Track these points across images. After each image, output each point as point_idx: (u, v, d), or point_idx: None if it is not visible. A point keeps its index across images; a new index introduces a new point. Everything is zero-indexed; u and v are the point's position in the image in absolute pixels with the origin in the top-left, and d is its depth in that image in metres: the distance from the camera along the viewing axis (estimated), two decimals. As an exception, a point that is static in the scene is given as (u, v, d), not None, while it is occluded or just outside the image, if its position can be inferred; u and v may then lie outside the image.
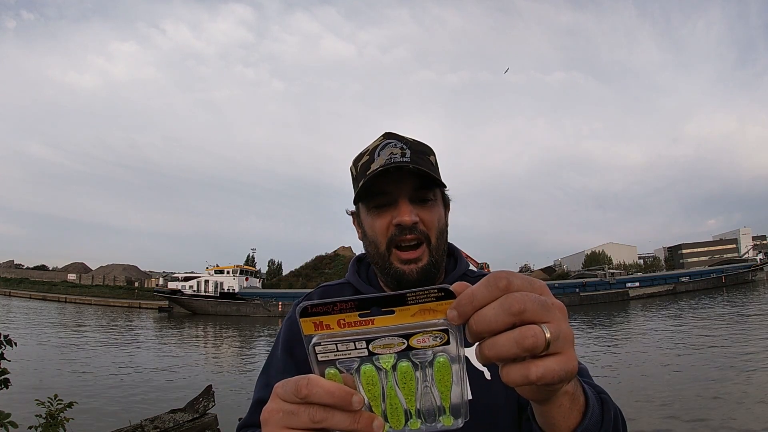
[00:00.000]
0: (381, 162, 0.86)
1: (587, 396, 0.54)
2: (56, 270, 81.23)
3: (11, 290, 62.41)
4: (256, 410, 0.86)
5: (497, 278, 0.38)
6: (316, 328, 0.40)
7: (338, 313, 0.40)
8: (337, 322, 0.40)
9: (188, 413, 4.77)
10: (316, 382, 0.40)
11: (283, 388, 0.42)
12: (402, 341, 0.40)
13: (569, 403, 0.50)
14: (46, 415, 3.53)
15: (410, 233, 0.86)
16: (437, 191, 0.92)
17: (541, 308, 0.37)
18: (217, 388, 5.57)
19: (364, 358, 0.41)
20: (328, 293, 0.99)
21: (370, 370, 0.41)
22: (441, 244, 0.91)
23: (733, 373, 9.58)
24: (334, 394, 0.39)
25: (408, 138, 0.91)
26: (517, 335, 0.36)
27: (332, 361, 0.41)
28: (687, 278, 42.94)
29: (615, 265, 65.16)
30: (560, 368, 0.38)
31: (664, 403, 7.82)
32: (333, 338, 0.40)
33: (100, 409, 8.50)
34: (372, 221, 0.90)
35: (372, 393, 0.42)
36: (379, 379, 0.42)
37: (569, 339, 0.40)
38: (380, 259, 0.90)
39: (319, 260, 74.47)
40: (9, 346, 2.98)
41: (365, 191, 0.87)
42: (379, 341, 0.40)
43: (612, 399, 0.62)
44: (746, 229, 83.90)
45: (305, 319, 0.40)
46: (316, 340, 0.41)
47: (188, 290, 46.15)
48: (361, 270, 1.02)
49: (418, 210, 0.87)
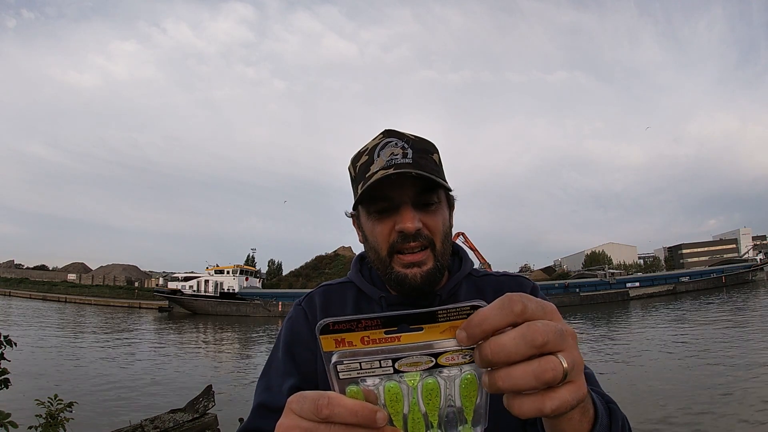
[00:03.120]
0: (381, 164, 0.81)
1: (596, 406, 0.53)
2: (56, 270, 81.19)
3: (11, 290, 62.32)
4: (258, 414, 0.84)
5: (512, 302, 0.37)
6: (337, 344, 0.39)
7: (362, 330, 0.38)
8: (360, 339, 0.39)
9: (188, 413, 4.77)
10: (337, 402, 0.38)
11: (300, 405, 0.39)
12: (430, 359, 0.39)
13: (579, 416, 0.49)
14: (46, 415, 3.53)
15: (414, 240, 0.81)
16: (441, 193, 0.86)
17: (560, 338, 0.36)
18: (217, 388, 5.56)
19: (389, 375, 0.40)
20: (330, 292, 0.96)
21: (395, 387, 0.40)
22: (446, 247, 0.87)
23: (734, 373, 9.58)
24: (358, 414, 0.37)
25: (409, 135, 0.86)
26: (537, 369, 0.35)
27: (354, 379, 0.40)
28: (687, 278, 42.88)
29: (615, 265, 65.14)
30: (573, 398, 0.37)
31: (664, 403, 7.82)
32: (356, 356, 0.39)
33: (100, 409, 8.50)
34: (372, 226, 0.85)
35: (395, 409, 0.40)
36: (403, 396, 0.41)
37: (581, 367, 0.39)
38: (381, 264, 0.86)
39: (319, 260, 74.46)
40: (9, 346, 2.97)
41: (365, 196, 0.82)
42: (406, 359, 0.39)
43: (619, 408, 0.61)
44: (746, 229, 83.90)
45: (326, 336, 0.39)
46: (337, 357, 0.39)
47: (188, 290, 46.10)
48: (363, 269, 0.98)
49: (422, 215, 0.82)
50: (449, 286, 0.91)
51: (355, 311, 0.92)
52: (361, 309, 0.92)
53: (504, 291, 1.04)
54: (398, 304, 0.88)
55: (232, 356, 17.94)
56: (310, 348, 0.89)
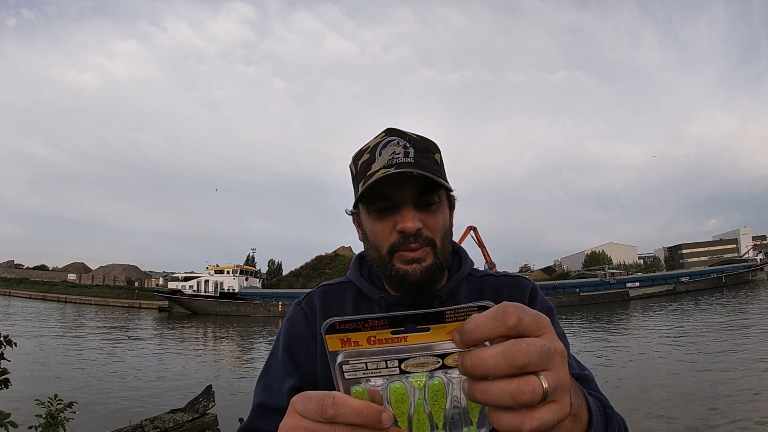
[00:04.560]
0: (383, 162, 0.81)
1: (591, 411, 0.52)
2: (56, 270, 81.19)
3: (11, 290, 62.37)
4: (258, 415, 0.84)
5: (506, 314, 0.35)
6: (343, 344, 0.38)
7: (369, 330, 0.38)
8: (366, 339, 0.38)
9: (188, 413, 4.77)
10: (342, 402, 0.37)
11: (304, 405, 0.38)
12: (437, 360, 0.39)
13: (571, 424, 0.48)
14: (46, 415, 3.52)
15: (414, 241, 0.81)
16: (442, 193, 0.86)
17: (544, 358, 0.35)
18: (217, 388, 5.56)
19: (394, 375, 0.40)
20: (329, 292, 0.96)
21: (401, 388, 0.40)
22: (446, 246, 0.87)
23: (734, 373, 9.58)
24: (363, 414, 0.37)
25: (411, 134, 0.85)
26: (515, 389, 0.34)
27: (360, 379, 0.39)
28: (687, 278, 42.87)
29: (615, 265, 65.12)
30: (553, 418, 0.36)
31: (665, 403, 7.82)
32: (362, 356, 0.39)
33: (100, 409, 8.50)
34: (373, 225, 0.85)
35: (400, 410, 0.40)
36: (409, 396, 0.40)
37: (565, 387, 0.38)
38: (381, 262, 0.86)
39: (319, 260, 74.46)
40: (9, 346, 2.97)
41: (366, 194, 0.82)
42: (413, 360, 0.39)
43: (617, 413, 0.59)
44: (746, 229, 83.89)
45: (331, 335, 0.38)
46: (343, 357, 0.39)
47: (188, 290, 46.11)
48: (363, 268, 0.98)
49: (422, 215, 0.82)
50: (449, 286, 0.90)
51: (355, 311, 0.91)
52: (360, 309, 0.91)
53: (503, 292, 0.99)
54: (398, 305, 0.88)
55: (232, 356, 17.93)
56: (309, 348, 0.88)
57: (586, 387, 0.77)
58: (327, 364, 0.85)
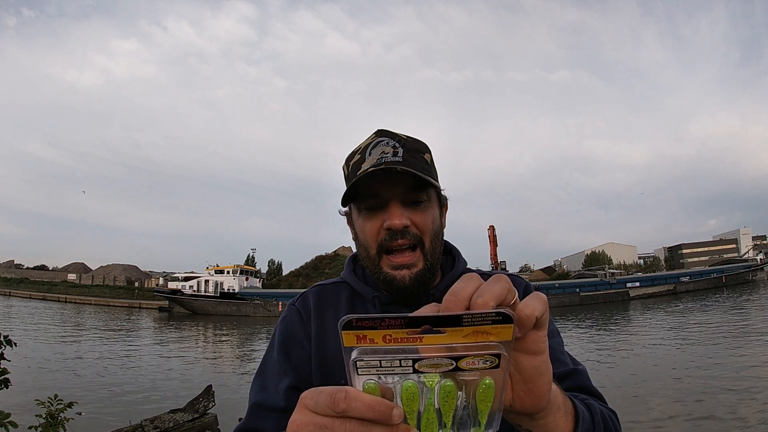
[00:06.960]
0: (372, 162, 0.82)
1: (575, 405, 0.58)
2: (56, 270, 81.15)
3: (11, 290, 62.37)
4: (254, 414, 0.84)
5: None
6: (359, 341, 0.39)
7: (385, 328, 0.39)
8: (382, 337, 0.39)
9: (188, 413, 4.78)
10: (355, 396, 0.38)
11: (314, 400, 0.39)
12: (451, 362, 0.39)
13: (564, 418, 0.54)
14: (46, 415, 3.54)
15: (402, 237, 0.82)
16: (431, 192, 0.87)
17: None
18: (217, 388, 5.57)
19: (407, 375, 0.40)
20: (324, 292, 0.97)
21: (413, 386, 0.40)
22: (436, 247, 0.87)
23: (734, 373, 9.58)
24: (375, 409, 0.37)
25: (401, 135, 0.87)
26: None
27: (371, 376, 0.40)
28: (687, 278, 42.83)
29: (615, 265, 65.08)
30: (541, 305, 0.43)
31: (665, 403, 7.82)
32: (377, 354, 0.39)
33: (100, 409, 8.51)
34: (362, 224, 0.86)
35: (410, 407, 0.40)
36: (420, 395, 0.41)
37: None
38: (371, 263, 0.87)
39: (319, 260, 74.44)
40: (9, 346, 2.98)
41: (355, 193, 0.84)
42: (427, 361, 0.39)
43: (608, 407, 0.63)
44: (746, 229, 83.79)
45: (347, 332, 0.39)
46: (357, 354, 0.39)
47: (188, 290, 46.12)
48: (357, 268, 0.99)
49: (410, 213, 0.83)
50: (443, 285, 0.91)
51: (349, 310, 0.92)
52: (354, 308, 0.93)
53: None
54: (391, 304, 0.89)
55: (232, 356, 17.94)
56: (304, 347, 0.89)
57: (579, 381, 0.80)
58: (321, 364, 0.86)
